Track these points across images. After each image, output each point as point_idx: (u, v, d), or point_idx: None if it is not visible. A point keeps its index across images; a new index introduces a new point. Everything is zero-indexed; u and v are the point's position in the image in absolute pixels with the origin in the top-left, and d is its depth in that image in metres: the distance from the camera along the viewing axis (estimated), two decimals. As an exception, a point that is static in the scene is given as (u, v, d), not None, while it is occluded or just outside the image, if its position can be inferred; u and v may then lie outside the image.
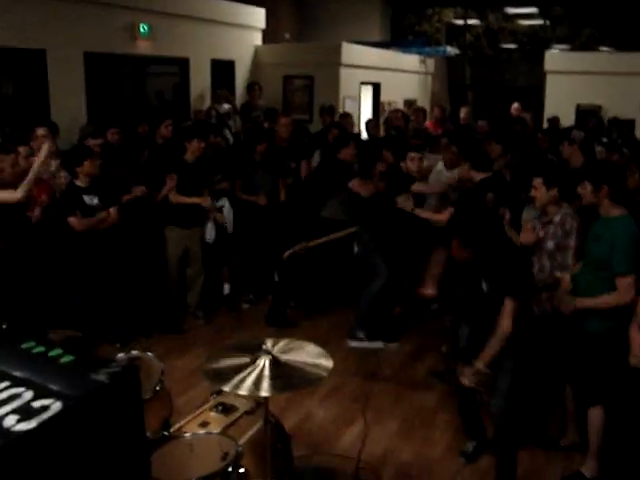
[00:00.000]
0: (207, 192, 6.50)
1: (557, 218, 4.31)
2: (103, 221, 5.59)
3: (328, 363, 3.06)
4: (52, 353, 1.77)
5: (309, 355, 3.15)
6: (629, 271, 3.72)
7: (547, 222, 4.36)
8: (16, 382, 1.62)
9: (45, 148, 5.12)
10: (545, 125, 11.46)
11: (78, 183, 5.54)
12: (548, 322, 4.26)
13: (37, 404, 1.53)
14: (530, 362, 3.91)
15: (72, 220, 5.42)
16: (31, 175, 4.94)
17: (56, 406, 1.52)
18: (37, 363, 1.73)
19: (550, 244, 4.31)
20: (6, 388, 1.59)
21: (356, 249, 6.08)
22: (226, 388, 2.89)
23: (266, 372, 2.91)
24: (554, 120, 10.59)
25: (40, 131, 6.15)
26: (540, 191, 4.30)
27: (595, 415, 3.97)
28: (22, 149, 5.45)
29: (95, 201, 5.56)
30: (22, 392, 1.58)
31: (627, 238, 3.75)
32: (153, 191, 6.27)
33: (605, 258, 3.79)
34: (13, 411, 1.50)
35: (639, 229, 3.81)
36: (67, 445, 1.54)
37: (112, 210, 5.64)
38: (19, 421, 1.46)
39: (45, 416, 1.48)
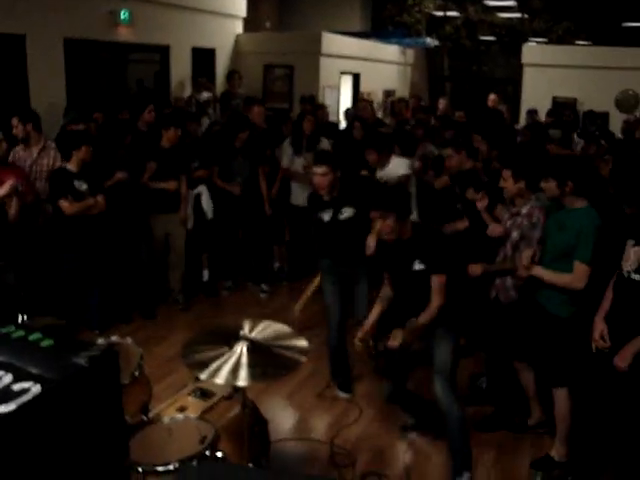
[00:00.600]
0: (184, 178, 6.53)
1: (524, 210, 4.40)
2: (91, 207, 5.59)
3: (304, 345, 3.15)
4: (32, 337, 1.81)
5: (287, 339, 3.22)
6: (589, 260, 3.85)
7: (515, 213, 4.46)
8: (-4, 365, 1.66)
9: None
10: (523, 117, 11.57)
11: (69, 167, 5.52)
12: (514, 309, 4.40)
13: (16, 387, 1.57)
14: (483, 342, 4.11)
15: (63, 204, 5.41)
16: None
17: (35, 389, 1.57)
18: (17, 347, 1.77)
19: (515, 234, 4.40)
20: (-14, 371, 1.64)
21: None
22: (203, 376, 2.94)
23: (244, 359, 2.97)
24: (533, 112, 10.68)
25: (14, 121, 6.16)
26: (509, 182, 4.41)
27: (560, 398, 4.08)
28: None
29: (84, 187, 5.55)
30: (1, 375, 1.62)
31: (592, 229, 3.87)
32: (136, 176, 6.28)
33: (568, 248, 3.92)
34: (-7, 393, 1.54)
35: (602, 221, 3.93)
36: (46, 427, 1.59)
37: (99, 197, 5.64)
38: (-1, 403, 1.51)
39: (25, 399, 1.53)
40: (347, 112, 10.24)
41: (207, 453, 2.99)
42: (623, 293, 3.61)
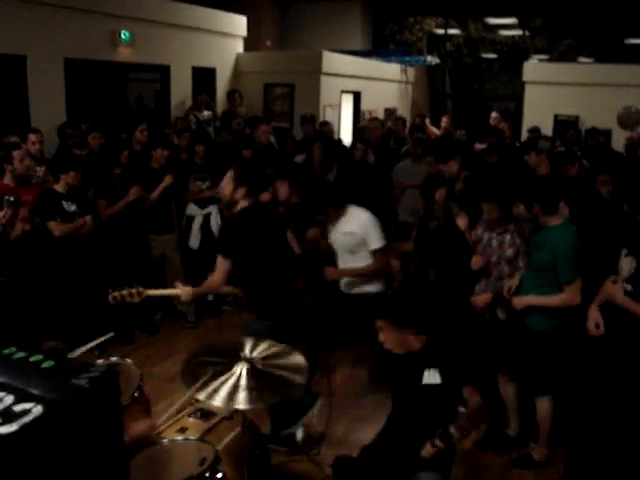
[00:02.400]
0: (173, 200, 6.68)
1: (511, 227, 4.53)
2: (80, 228, 5.61)
3: (301, 364, 3.16)
4: (33, 358, 1.80)
5: (288, 359, 3.21)
6: (574, 278, 3.95)
7: (501, 232, 4.57)
8: (-3, 387, 1.65)
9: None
10: (525, 135, 11.58)
11: (57, 189, 5.56)
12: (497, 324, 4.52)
13: (18, 408, 1.56)
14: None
15: (52, 225, 5.44)
16: None
17: (37, 410, 1.55)
18: (18, 368, 1.75)
19: (510, 252, 4.49)
20: (-13, 393, 1.62)
21: None
22: (201, 397, 2.93)
23: (242, 382, 2.96)
24: (534, 131, 10.71)
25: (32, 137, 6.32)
26: (496, 213, 4.55)
27: (543, 405, 4.28)
28: (16, 153, 5.51)
29: (73, 208, 5.60)
30: (3, 396, 1.61)
31: (567, 246, 3.96)
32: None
33: (546, 266, 4.00)
34: (-5, 415, 1.53)
35: (577, 235, 4.03)
36: (48, 448, 1.57)
37: (88, 218, 5.69)
38: (1, 424, 1.49)
39: (26, 419, 1.52)
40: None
41: (207, 475, 2.95)
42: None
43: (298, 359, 3.23)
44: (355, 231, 4.89)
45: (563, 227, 4.04)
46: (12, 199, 4.91)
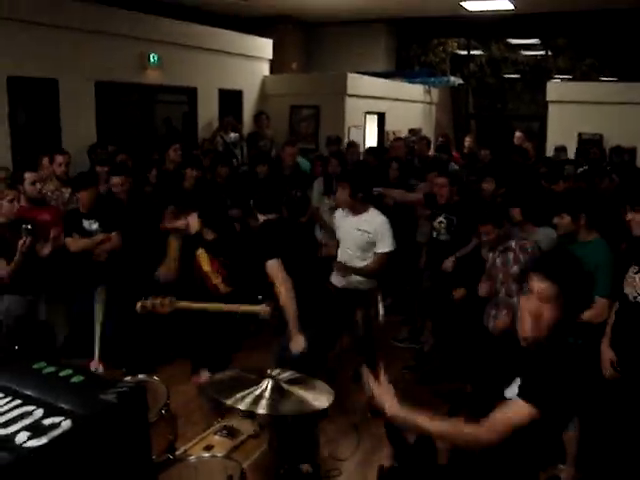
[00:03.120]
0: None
1: (512, 243, 4.67)
2: (101, 244, 5.63)
3: (324, 398, 3.15)
4: (62, 373, 1.84)
5: (308, 387, 3.24)
6: (608, 293, 3.97)
7: (503, 250, 4.70)
8: (27, 400, 1.69)
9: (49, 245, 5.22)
10: (549, 154, 11.52)
11: (79, 208, 5.64)
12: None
13: (47, 422, 1.59)
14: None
15: (67, 241, 5.50)
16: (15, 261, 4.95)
17: (66, 424, 1.58)
18: (48, 382, 1.79)
19: (515, 268, 4.57)
20: (18, 406, 1.66)
21: None
22: (227, 402, 3.00)
23: (267, 393, 3.04)
24: (561, 149, 10.65)
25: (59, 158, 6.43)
26: (493, 234, 4.74)
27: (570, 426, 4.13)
28: (28, 175, 5.57)
29: (95, 226, 5.64)
30: (33, 410, 1.64)
31: (609, 261, 4.02)
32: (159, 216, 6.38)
33: None
34: (24, 428, 1.56)
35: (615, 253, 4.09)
36: (76, 462, 1.60)
37: (114, 235, 5.70)
38: (30, 438, 1.52)
39: (55, 433, 1.55)
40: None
41: (233, 492, 2.97)
42: (629, 318, 3.66)
43: (322, 388, 3.27)
44: (369, 231, 5.19)
45: (602, 242, 4.11)
46: (29, 227, 4.96)
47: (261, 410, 2.95)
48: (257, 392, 3.04)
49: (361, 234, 5.21)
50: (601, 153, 10.33)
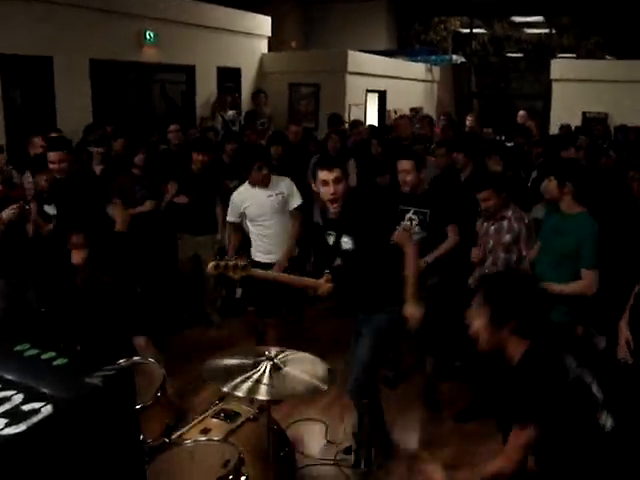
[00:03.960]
0: (218, 200, 6.50)
1: (509, 213, 4.59)
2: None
3: (324, 375, 3.07)
4: (45, 356, 1.74)
5: (310, 366, 3.16)
6: (594, 265, 3.99)
7: (499, 218, 4.61)
8: (6, 385, 1.59)
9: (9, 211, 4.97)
10: (552, 133, 11.39)
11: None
12: None
13: (27, 407, 1.50)
14: None
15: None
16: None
17: (46, 409, 1.49)
18: (29, 365, 1.69)
19: (507, 237, 4.55)
20: (-4, 391, 1.56)
21: None
22: (225, 389, 2.90)
23: (266, 377, 2.95)
24: (565, 128, 10.52)
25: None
26: (492, 200, 4.57)
27: None
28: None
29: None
30: (12, 395, 1.54)
31: (593, 232, 4.01)
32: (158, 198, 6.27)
33: (568, 252, 4.05)
34: (2, 415, 1.47)
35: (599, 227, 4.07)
36: (58, 449, 1.51)
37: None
38: (7, 425, 1.43)
39: (35, 419, 1.45)
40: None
41: (231, 477, 2.88)
42: None
43: (321, 367, 3.18)
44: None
45: (587, 215, 4.09)
46: (27, 207, 4.84)
47: (260, 396, 2.87)
48: (255, 376, 2.95)
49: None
50: (605, 131, 10.19)
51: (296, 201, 5.47)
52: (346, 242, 3.84)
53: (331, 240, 3.94)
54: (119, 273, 5.08)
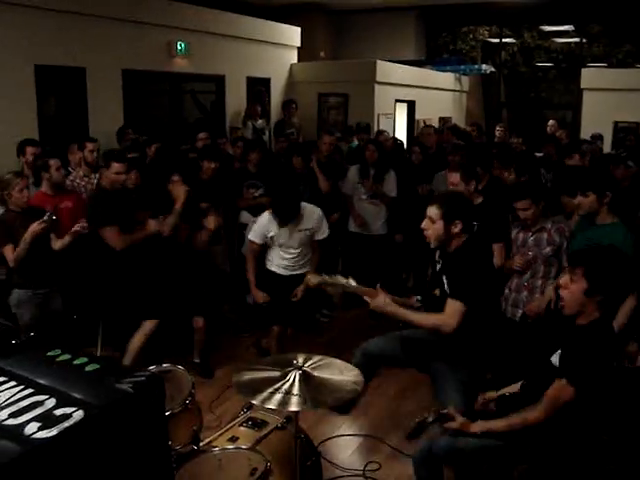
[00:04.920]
0: (221, 210, 6.50)
1: (548, 225, 4.56)
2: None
3: (359, 382, 3.03)
4: (77, 361, 1.76)
5: (341, 373, 3.11)
6: None
7: (538, 230, 4.59)
8: (39, 389, 1.61)
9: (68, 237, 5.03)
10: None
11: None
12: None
13: (59, 412, 1.52)
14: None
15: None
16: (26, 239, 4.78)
17: (78, 414, 1.50)
18: (61, 371, 1.72)
19: (548, 249, 4.53)
20: (29, 395, 1.59)
21: None
22: (255, 402, 2.86)
23: (296, 387, 2.89)
24: (597, 137, 10.40)
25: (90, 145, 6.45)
26: (531, 209, 4.54)
27: None
28: (53, 162, 5.53)
29: None
30: (44, 400, 1.57)
31: (629, 242, 4.00)
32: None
33: None
34: (34, 418, 1.49)
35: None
36: (89, 454, 1.52)
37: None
38: (40, 429, 1.45)
39: (66, 424, 1.47)
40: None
41: (258, 486, 2.89)
42: None
43: (352, 374, 3.13)
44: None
45: (621, 225, 4.08)
46: (54, 217, 4.88)
47: (292, 408, 2.80)
48: (285, 387, 2.89)
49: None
50: (637, 141, 10.05)
51: (322, 234, 5.48)
52: (445, 282, 3.71)
53: (437, 267, 3.85)
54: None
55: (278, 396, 2.83)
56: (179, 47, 9.40)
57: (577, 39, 16.56)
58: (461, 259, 3.59)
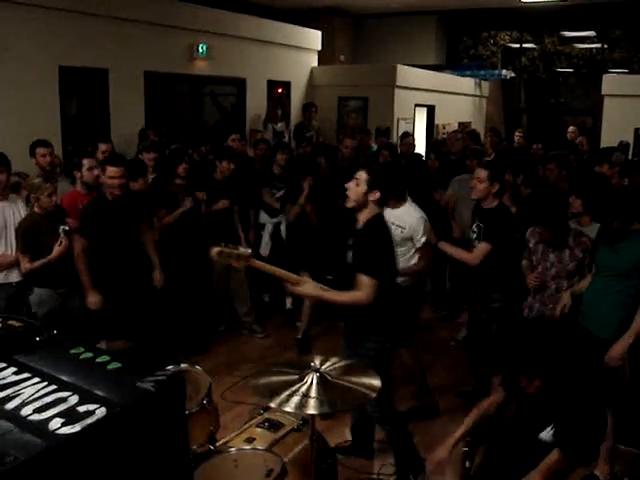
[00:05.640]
0: (236, 209, 6.64)
1: (570, 240, 4.51)
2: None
3: (376, 383, 3.02)
4: (100, 359, 1.79)
5: (358, 376, 3.11)
6: None
7: (561, 245, 4.53)
8: (63, 386, 1.64)
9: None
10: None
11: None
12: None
13: (82, 409, 1.54)
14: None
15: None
16: (47, 259, 4.87)
17: (100, 411, 1.53)
18: (84, 368, 1.74)
19: (571, 266, 4.49)
20: (53, 391, 1.61)
21: None
22: (273, 404, 2.86)
23: (313, 390, 2.89)
24: (623, 145, 10.33)
25: (103, 147, 6.45)
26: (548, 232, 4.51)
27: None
28: (86, 161, 5.59)
29: None
30: (68, 396, 1.59)
31: None
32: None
33: (627, 269, 3.99)
34: (58, 414, 1.51)
35: None
36: (110, 451, 1.55)
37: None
38: (64, 424, 1.47)
39: (89, 421, 1.49)
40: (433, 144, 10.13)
41: (274, 487, 2.90)
42: None
43: (368, 375, 3.13)
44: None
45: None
46: (67, 228, 4.93)
47: (310, 411, 2.80)
48: (303, 389, 2.88)
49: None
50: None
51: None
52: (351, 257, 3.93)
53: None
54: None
55: (295, 399, 2.82)
56: (200, 50, 9.46)
57: (598, 45, 16.46)
58: (368, 234, 3.83)
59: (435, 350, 6.32)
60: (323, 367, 3.09)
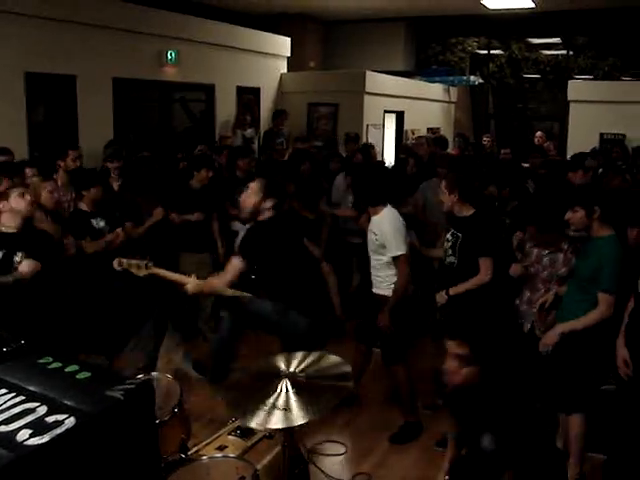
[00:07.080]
0: (215, 216, 6.59)
1: (566, 245, 4.53)
2: (111, 243, 5.53)
3: (346, 369, 3.07)
4: (68, 369, 1.78)
5: (329, 369, 3.12)
6: (613, 290, 3.88)
7: (554, 250, 4.56)
8: (31, 396, 1.63)
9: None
10: (569, 154, 11.35)
11: (83, 208, 5.55)
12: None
13: (51, 419, 1.53)
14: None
15: (83, 244, 5.38)
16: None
17: (69, 421, 1.52)
18: (53, 378, 1.73)
19: (564, 270, 4.50)
20: (21, 402, 1.60)
21: None
22: (249, 424, 2.86)
23: (291, 399, 2.86)
24: (595, 151, 10.44)
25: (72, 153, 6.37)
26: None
27: (576, 422, 4.11)
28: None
29: (102, 224, 5.55)
30: (36, 407, 1.58)
31: (615, 256, 3.91)
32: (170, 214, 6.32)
33: (589, 274, 3.97)
34: (26, 425, 1.51)
35: (623, 250, 4.00)
36: (80, 461, 1.54)
37: (119, 230, 5.58)
38: (32, 435, 1.47)
39: (58, 431, 1.49)
40: (403, 147, 10.21)
41: (246, 494, 2.90)
42: None
43: (339, 363, 3.14)
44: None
45: (613, 238, 3.99)
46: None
47: (276, 425, 2.78)
48: (280, 402, 2.84)
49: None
50: (624, 153, 10.15)
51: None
52: None
53: None
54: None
55: (277, 413, 2.79)
56: (169, 56, 9.44)
57: (564, 51, 16.71)
58: (263, 232, 4.43)
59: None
60: (291, 368, 3.09)
